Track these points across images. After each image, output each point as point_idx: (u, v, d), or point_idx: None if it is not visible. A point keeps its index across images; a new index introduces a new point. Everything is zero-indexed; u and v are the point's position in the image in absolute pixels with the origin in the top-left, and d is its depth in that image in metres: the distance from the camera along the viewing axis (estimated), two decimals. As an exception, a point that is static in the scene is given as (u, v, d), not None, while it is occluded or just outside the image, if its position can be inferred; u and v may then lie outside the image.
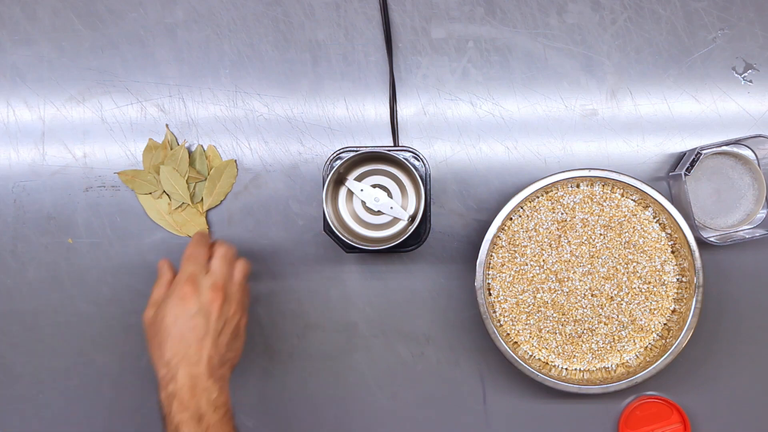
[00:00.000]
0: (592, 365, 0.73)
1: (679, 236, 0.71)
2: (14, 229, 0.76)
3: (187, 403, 0.62)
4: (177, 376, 0.62)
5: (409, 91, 0.76)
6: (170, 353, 0.63)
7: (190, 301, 0.64)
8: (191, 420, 0.61)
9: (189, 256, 0.67)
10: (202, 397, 0.63)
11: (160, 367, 0.64)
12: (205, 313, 0.64)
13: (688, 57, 0.76)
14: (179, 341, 0.64)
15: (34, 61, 0.77)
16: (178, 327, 0.64)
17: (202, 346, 0.64)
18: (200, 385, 0.63)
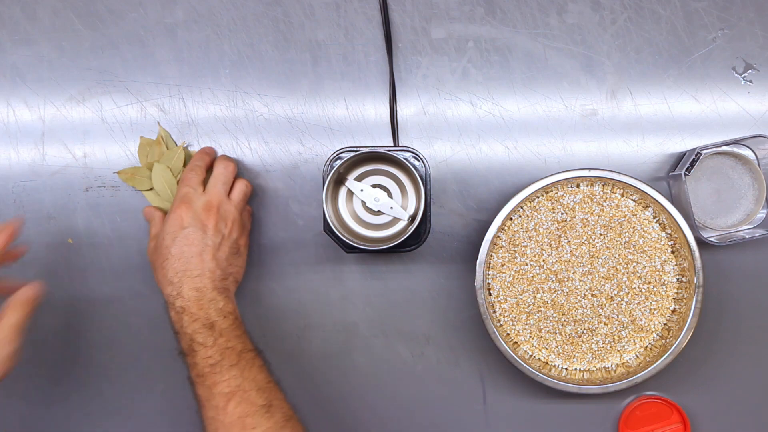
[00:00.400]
0: (592, 365, 0.73)
1: (679, 236, 0.71)
2: (14, 229, 0.76)
3: (197, 313, 0.64)
4: (182, 291, 0.64)
5: (409, 91, 0.76)
6: (172, 271, 0.65)
7: (185, 219, 0.66)
8: (203, 328, 0.63)
9: (183, 179, 0.69)
10: (210, 307, 0.64)
11: (165, 286, 0.66)
12: (201, 228, 0.66)
13: (688, 57, 0.76)
14: (179, 258, 0.65)
15: (34, 61, 0.77)
16: (177, 245, 0.66)
17: (202, 260, 0.66)
18: (206, 296, 0.65)
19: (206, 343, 0.63)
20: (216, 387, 0.62)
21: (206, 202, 0.67)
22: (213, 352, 0.63)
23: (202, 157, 0.72)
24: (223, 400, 0.61)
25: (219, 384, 0.62)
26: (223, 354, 0.63)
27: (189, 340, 0.64)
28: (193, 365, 0.64)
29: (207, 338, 0.63)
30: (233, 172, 0.71)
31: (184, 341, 0.64)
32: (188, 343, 0.64)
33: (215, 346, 0.63)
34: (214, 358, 0.63)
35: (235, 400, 0.61)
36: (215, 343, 0.63)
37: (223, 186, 0.69)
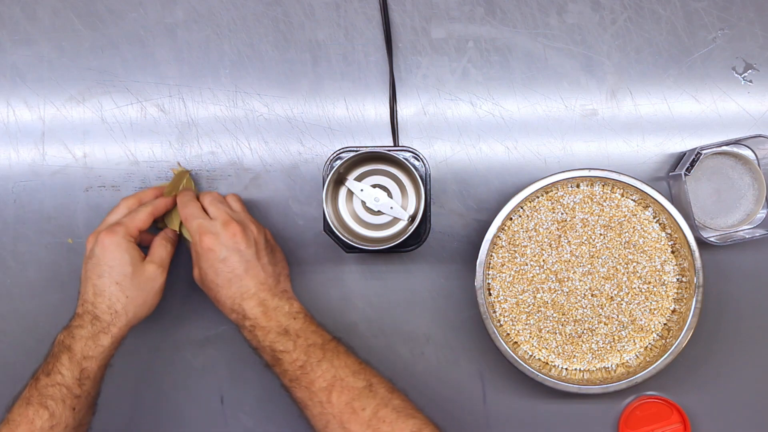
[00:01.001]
0: (592, 365, 0.73)
1: (679, 236, 0.71)
2: (14, 229, 0.76)
3: (268, 326, 0.65)
4: (246, 313, 0.66)
5: (409, 91, 0.76)
6: (230, 300, 0.66)
7: (216, 248, 0.66)
8: (279, 336, 0.65)
9: (188, 215, 0.69)
10: (278, 315, 0.66)
11: (229, 314, 0.67)
12: (234, 249, 0.66)
13: (688, 57, 0.76)
14: (228, 287, 0.66)
15: (34, 61, 0.77)
16: (221, 275, 0.66)
17: (251, 277, 0.66)
18: (270, 307, 0.66)
19: (287, 348, 0.64)
20: (313, 385, 0.63)
21: (223, 222, 0.67)
22: (298, 355, 0.64)
23: (186, 194, 0.72)
24: (324, 394, 0.62)
25: (315, 381, 0.63)
26: (307, 353, 0.64)
27: (270, 352, 0.65)
28: (283, 373, 0.65)
29: (287, 344, 0.64)
30: (218, 194, 0.72)
31: (266, 354, 0.66)
32: (271, 355, 0.65)
33: (297, 349, 0.64)
34: (301, 360, 0.64)
35: (336, 390, 0.62)
36: (296, 345, 0.64)
37: (222, 205, 0.70)
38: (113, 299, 0.65)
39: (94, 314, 0.65)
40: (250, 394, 0.77)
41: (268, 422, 0.77)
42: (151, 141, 0.76)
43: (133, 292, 0.66)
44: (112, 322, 0.65)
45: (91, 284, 0.66)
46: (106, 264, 0.66)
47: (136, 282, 0.66)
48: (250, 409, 0.77)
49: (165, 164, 0.76)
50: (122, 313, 0.66)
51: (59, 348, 0.64)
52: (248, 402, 0.77)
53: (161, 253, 0.69)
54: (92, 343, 0.64)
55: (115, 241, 0.66)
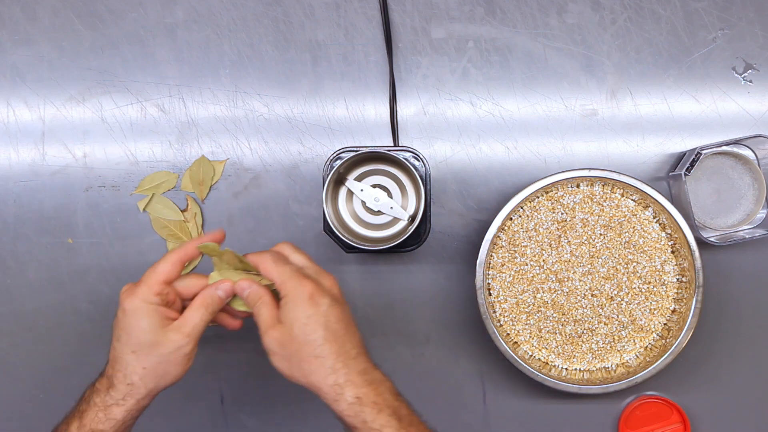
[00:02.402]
0: (592, 365, 0.73)
1: (679, 236, 0.71)
2: (14, 229, 0.76)
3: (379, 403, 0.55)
4: (352, 377, 0.55)
5: (409, 91, 0.76)
6: (332, 358, 0.55)
7: (318, 297, 0.56)
8: (391, 420, 0.54)
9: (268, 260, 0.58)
10: (384, 391, 0.56)
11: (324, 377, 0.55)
12: (337, 300, 0.57)
13: (688, 57, 0.76)
14: (332, 343, 0.55)
15: (34, 61, 0.77)
16: (325, 330, 0.55)
17: (350, 336, 0.57)
18: (375, 378, 0.56)
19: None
20: None
21: (316, 270, 0.59)
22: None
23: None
24: None
25: None
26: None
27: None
28: None
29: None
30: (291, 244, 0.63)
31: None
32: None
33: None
34: None
35: None
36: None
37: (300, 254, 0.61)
38: (129, 370, 0.57)
39: (111, 381, 0.58)
40: (250, 394, 0.77)
41: (268, 422, 0.77)
42: (151, 141, 0.76)
43: (152, 363, 0.57)
44: (129, 394, 0.57)
45: (112, 346, 0.58)
46: (123, 329, 0.57)
47: (156, 352, 0.57)
48: (250, 409, 0.77)
49: (165, 164, 0.76)
50: (139, 385, 0.57)
51: (76, 409, 0.59)
52: (248, 402, 0.77)
53: (193, 320, 0.58)
54: (103, 415, 0.57)
55: (133, 306, 0.57)
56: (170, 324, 0.57)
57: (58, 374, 0.77)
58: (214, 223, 0.76)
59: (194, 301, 0.59)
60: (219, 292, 0.59)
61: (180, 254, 0.58)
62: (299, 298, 0.56)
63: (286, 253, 0.60)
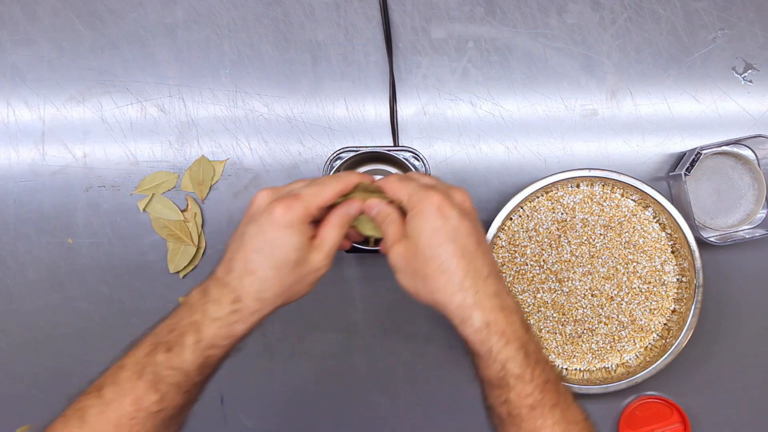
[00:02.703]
0: (592, 365, 0.73)
1: (679, 236, 0.71)
2: (14, 229, 0.76)
3: (508, 332, 0.50)
4: (480, 300, 0.50)
5: (409, 91, 0.76)
6: (461, 273, 0.51)
7: (447, 210, 0.51)
8: (518, 354, 0.50)
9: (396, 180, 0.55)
10: (516, 322, 0.51)
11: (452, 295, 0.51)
12: (467, 215, 0.52)
13: (688, 57, 0.76)
14: (460, 259, 0.51)
15: (34, 61, 0.77)
16: (454, 244, 0.51)
17: (482, 255, 0.52)
18: (507, 305, 0.51)
19: (524, 375, 0.50)
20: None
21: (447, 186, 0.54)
22: (533, 389, 0.50)
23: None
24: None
25: (540, 431, 0.50)
26: (543, 390, 0.50)
27: (499, 370, 0.50)
28: (503, 402, 0.51)
29: (525, 369, 0.50)
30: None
31: (492, 370, 0.50)
32: (499, 374, 0.50)
33: (534, 380, 0.50)
34: (534, 397, 0.50)
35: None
36: (533, 375, 0.50)
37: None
38: (266, 285, 0.52)
39: (238, 295, 0.52)
40: (250, 394, 0.77)
41: (268, 422, 0.77)
42: (151, 141, 0.76)
43: (290, 281, 0.53)
44: (257, 311, 0.52)
45: (243, 255, 0.52)
46: (269, 242, 0.52)
47: (298, 270, 0.53)
48: (250, 409, 0.77)
49: (165, 164, 0.76)
50: (271, 301, 0.53)
51: (189, 319, 0.52)
52: (248, 402, 0.77)
53: (332, 239, 0.55)
54: (225, 331, 0.52)
55: (287, 220, 0.52)
56: (312, 243, 0.54)
57: (58, 374, 0.77)
58: (214, 223, 0.76)
59: (330, 220, 0.55)
60: (352, 210, 0.56)
61: (342, 186, 0.55)
62: (426, 210, 0.51)
63: (413, 176, 0.57)
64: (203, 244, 0.76)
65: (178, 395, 0.52)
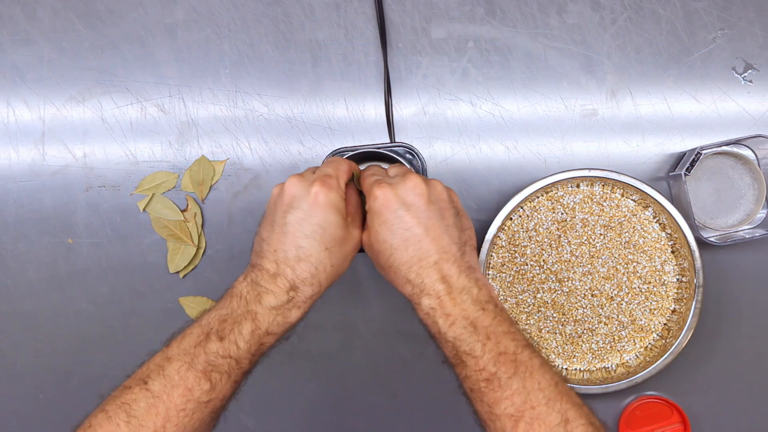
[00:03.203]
0: (592, 365, 0.73)
1: (679, 236, 0.71)
2: (14, 229, 0.76)
3: (453, 313, 0.52)
4: (426, 287, 0.53)
5: (409, 91, 0.76)
6: (405, 267, 0.54)
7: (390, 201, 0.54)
8: (464, 331, 0.52)
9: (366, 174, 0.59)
10: (465, 300, 0.53)
11: (403, 286, 0.54)
12: (411, 205, 0.54)
13: (688, 57, 0.76)
14: (404, 248, 0.54)
15: (34, 61, 0.77)
16: (396, 235, 0.54)
17: (430, 240, 0.54)
18: (455, 286, 0.53)
19: (474, 351, 0.51)
20: (497, 406, 0.50)
21: (402, 175, 0.56)
22: (485, 363, 0.51)
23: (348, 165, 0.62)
24: (509, 423, 0.50)
25: (500, 402, 0.50)
26: (497, 363, 0.51)
27: (452, 349, 0.52)
28: (464, 378, 0.53)
29: (474, 345, 0.51)
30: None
31: (447, 349, 0.53)
32: (453, 352, 0.52)
33: (486, 355, 0.51)
34: (488, 371, 0.51)
35: (524, 422, 0.49)
36: (484, 350, 0.51)
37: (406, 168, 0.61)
38: (320, 268, 0.54)
39: (293, 282, 0.53)
40: (250, 394, 0.77)
41: (268, 422, 0.77)
42: (151, 141, 0.76)
43: (338, 260, 0.55)
44: (311, 296, 0.54)
45: (292, 243, 0.53)
46: (318, 224, 0.53)
47: (343, 249, 0.55)
48: (250, 409, 0.77)
49: (165, 164, 0.76)
50: (324, 284, 0.55)
51: (244, 309, 0.53)
52: (248, 402, 0.77)
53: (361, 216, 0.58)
54: (282, 319, 0.53)
55: (331, 199, 0.54)
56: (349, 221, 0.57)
57: (58, 374, 0.77)
58: (214, 223, 0.76)
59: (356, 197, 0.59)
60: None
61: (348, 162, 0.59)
62: (372, 206, 0.55)
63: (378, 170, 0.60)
64: (203, 244, 0.76)
65: (228, 384, 0.52)
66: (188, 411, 0.51)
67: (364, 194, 0.58)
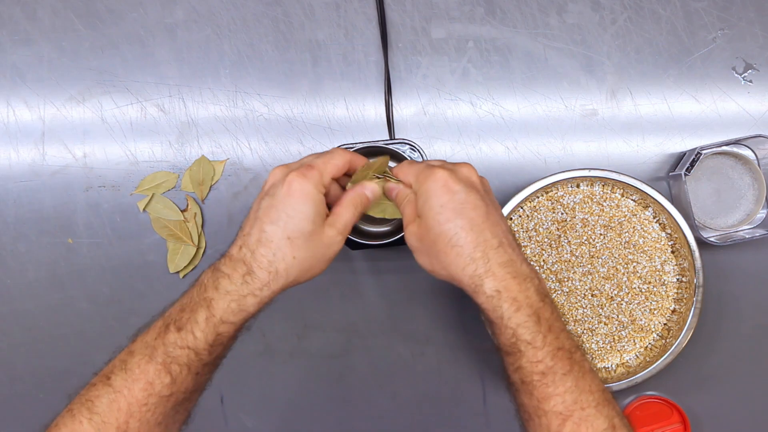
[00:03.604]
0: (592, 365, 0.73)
1: (679, 236, 0.71)
2: (14, 229, 0.76)
3: (519, 298, 0.51)
4: (492, 268, 0.51)
5: (409, 91, 0.76)
6: (471, 245, 0.52)
7: (452, 185, 0.53)
8: (529, 320, 0.50)
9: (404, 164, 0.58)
10: (530, 288, 0.51)
11: (464, 267, 0.52)
12: (473, 188, 0.53)
13: (688, 57, 0.76)
14: (469, 232, 0.52)
15: (34, 61, 0.77)
16: (462, 217, 0.52)
17: (490, 226, 0.52)
18: (520, 272, 0.52)
19: (535, 342, 0.50)
20: (547, 402, 0.50)
21: (453, 162, 0.55)
22: (543, 355, 0.50)
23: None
24: (557, 421, 0.49)
25: (551, 398, 0.50)
26: (554, 357, 0.50)
27: (511, 336, 0.51)
28: (516, 369, 0.51)
29: (535, 336, 0.50)
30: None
31: (505, 336, 0.51)
32: (510, 340, 0.51)
33: (546, 347, 0.50)
34: (545, 364, 0.50)
35: (573, 422, 0.49)
36: (545, 342, 0.50)
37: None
38: (278, 255, 0.52)
39: (249, 267, 0.52)
40: (250, 394, 0.77)
41: (268, 422, 0.77)
42: (151, 141, 0.76)
43: (303, 254, 0.53)
44: (267, 284, 0.53)
45: (258, 228, 0.53)
46: (285, 212, 0.53)
47: (311, 243, 0.53)
48: (250, 409, 0.77)
49: (165, 164, 0.76)
50: (282, 275, 0.53)
51: (200, 297, 0.53)
52: (248, 402, 0.77)
53: (347, 218, 0.56)
54: (236, 306, 0.52)
55: (305, 189, 0.53)
56: (326, 218, 0.55)
57: (58, 374, 0.77)
58: (214, 223, 0.76)
59: (344, 199, 0.57)
60: (367, 192, 0.58)
61: (350, 157, 0.57)
62: (431, 188, 0.53)
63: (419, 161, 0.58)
64: (203, 244, 0.76)
65: (189, 377, 0.52)
66: (150, 406, 0.50)
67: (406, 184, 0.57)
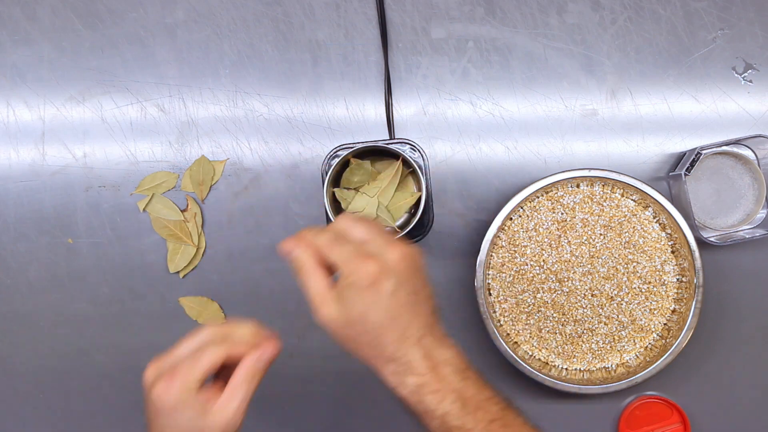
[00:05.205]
0: (592, 365, 0.73)
1: (679, 236, 0.71)
2: (14, 229, 0.76)
3: (441, 388, 0.51)
4: (411, 364, 0.51)
5: (409, 91, 0.76)
6: (391, 346, 0.51)
7: (383, 277, 0.50)
8: (454, 406, 0.51)
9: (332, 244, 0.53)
10: (448, 372, 0.52)
11: (384, 364, 0.52)
12: (405, 278, 0.52)
13: (688, 57, 0.76)
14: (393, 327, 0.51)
15: (34, 61, 0.77)
16: (388, 313, 0.51)
17: (415, 315, 0.52)
18: (437, 359, 0.52)
19: (466, 425, 0.51)
20: None
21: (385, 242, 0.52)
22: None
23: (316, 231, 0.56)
24: None
25: None
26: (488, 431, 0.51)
27: (441, 425, 0.51)
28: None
29: (464, 419, 0.51)
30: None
31: (434, 425, 0.51)
32: (441, 428, 0.51)
33: (477, 426, 0.51)
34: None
35: None
36: (476, 421, 0.51)
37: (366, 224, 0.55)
38: None
39: None
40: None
41: (268, 422, 0.77)
42: (151, 141, 0.76)
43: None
44: None
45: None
46: (166, 426, 0.51)
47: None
48: (250, 409, 0.77)
49: (165, 164, 0.76)
50: None
51: None
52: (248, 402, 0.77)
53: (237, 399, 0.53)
54: None
55: (172, 402, 0.51)
56: (213, 406, 0.52)
57: (58, 374, 0.77)
58: (214, 223, 0.76)
59: (237, 377, 0.53)
60: (260, 364, 0.54)
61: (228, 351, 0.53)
62: (358, 283, 0.50)
63: (346, 228, 0.54)
64: (203, 244, 0.76)
65: None
66: None
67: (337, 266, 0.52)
